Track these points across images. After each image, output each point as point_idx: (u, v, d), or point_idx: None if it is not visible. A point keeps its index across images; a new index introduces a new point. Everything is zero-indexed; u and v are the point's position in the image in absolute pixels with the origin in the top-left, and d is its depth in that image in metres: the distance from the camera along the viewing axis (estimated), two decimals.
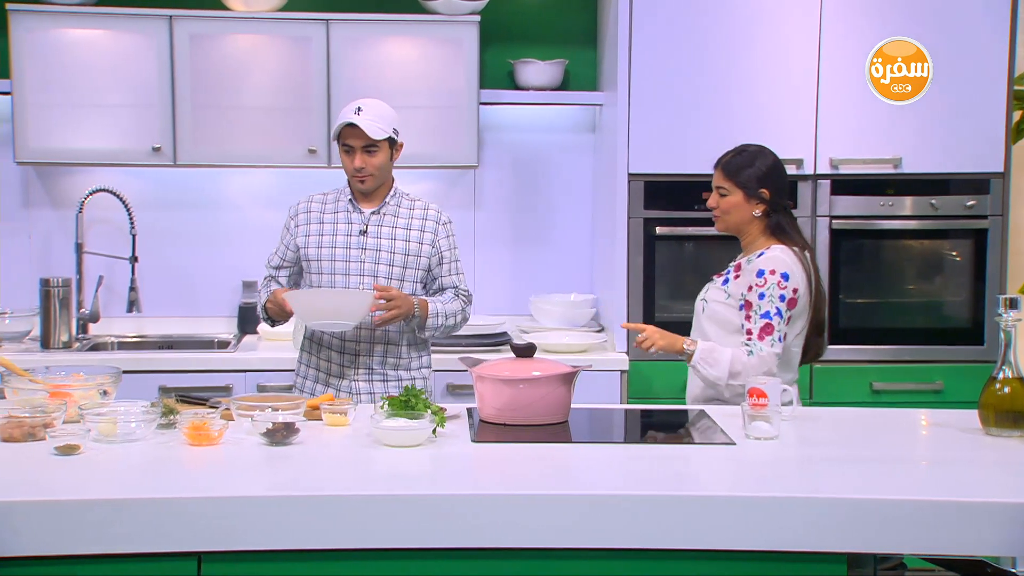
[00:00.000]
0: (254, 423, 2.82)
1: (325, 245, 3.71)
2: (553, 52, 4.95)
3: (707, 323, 3.49)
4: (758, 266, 3.41)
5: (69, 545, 2.32)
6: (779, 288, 3.38)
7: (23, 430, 2.74)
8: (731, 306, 3.45)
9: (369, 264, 3.69)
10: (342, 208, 3.75)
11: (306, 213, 3.77)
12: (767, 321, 3.37)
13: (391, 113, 3.69)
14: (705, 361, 3.38)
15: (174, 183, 4.91)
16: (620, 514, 2.41)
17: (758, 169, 3.47)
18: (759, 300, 3.38)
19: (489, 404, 3.08)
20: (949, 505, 2.41)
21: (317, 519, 2.37)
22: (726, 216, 3.51)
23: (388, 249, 3.70)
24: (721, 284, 3.50)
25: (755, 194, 3.47)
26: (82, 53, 4.54)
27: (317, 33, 4.60)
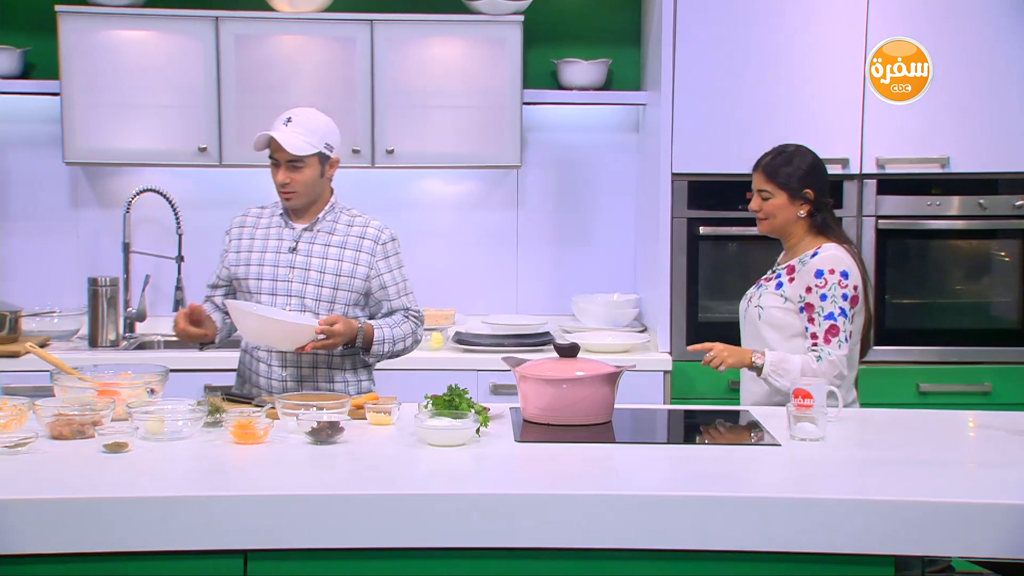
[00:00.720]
0: (299, 422, 2.84)
1: (253, 263, 3.47)
2: (596, 52, 4.94)
3: (766, 329, 3.44)
4: (815, 266, 3.37)
5: (117, 542, 2.34)
6: (840, 287, 3.35)
7: (72, 428, 2.78)
8: (789, 310, 3.41)
9: (297, 284, 3.43)
10: (275, 223, 3.52)
11: (239, 228, 3.55)
12: (831, 323, 3.34)
13: (324, 125, 3.44)
14: (776, 372, 3.33)
15: (219, 183, 4.94)
16: (664, 515, 2.40)
17: (800, 169, 3.44)
18: (821, 302, 3.35)
19: (532, 404, 3.08)
20: (997, 508, 2.38)
21: (362, 518, 2.38)
22: (771, 219, 3.48)
23: (318, 269, 3.44)
24: (775, 288, 3.46)
25: (799, 195, 3.44)
26: (129, 54, 4.58)
27: (361, 33, 4.62)
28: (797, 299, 3.39)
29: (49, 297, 4.83)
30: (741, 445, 2.92)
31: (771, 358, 3.35)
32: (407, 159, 4.70)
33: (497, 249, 5.08)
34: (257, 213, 3.58)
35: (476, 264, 5.08)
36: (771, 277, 3.52)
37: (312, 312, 3.42)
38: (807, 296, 3.37)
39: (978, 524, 2.37)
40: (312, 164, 3.41)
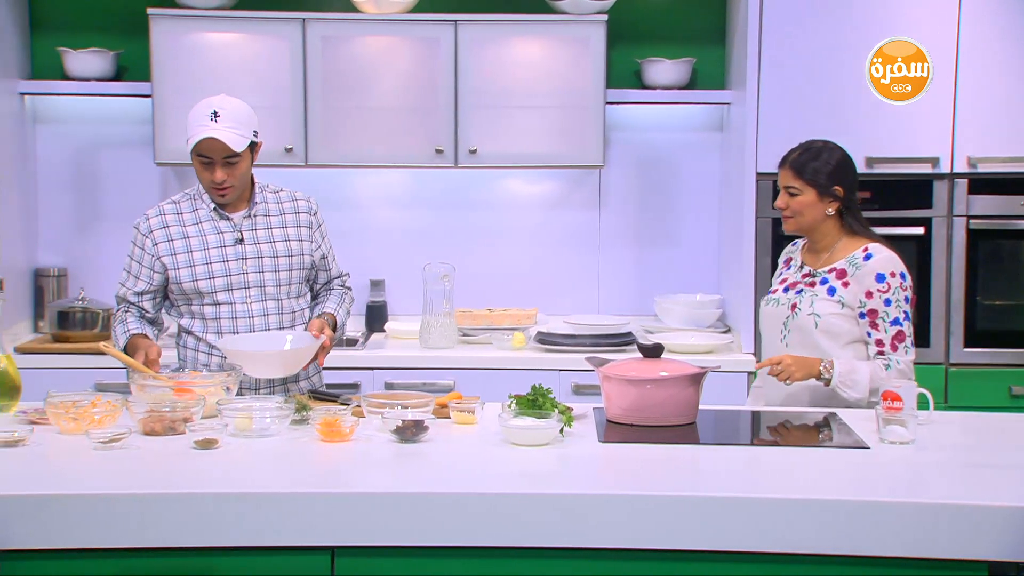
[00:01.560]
0: (384, 420, 2.86)
1: (199, 263, 3.32)
2: (681, 51, 4.91)
3: (821, 337, 3.35)
4: (875, 270, 3.30)
5: (207, 537, 2.38)
6: (902, 290, 3.29)
7: (164, 424, 2.83)
8: (847, 316, 3.33)
9: (254, 275, 3.35)
10: (205, 217, 3.36)
11: (164, 229, 3.34)
12: (898, 328, 3.29)
13: (248, 113, 3.33)
14: (845, 384, 3.27)
15: (305, 183, 4.95)
16: (750, 517, 2.38)
17: (829, 165, 3.37)
18: (886, 307, 3.28)
19: (616, 404, 3.07)
20: None
21: (447, 516, 2.39)
22: (799, 217, 3.40)
23: (270, 254, 3.37)
24: (827, 294, 3.36)
25: (829, 192, 3.37)
26: (218, 55, 4.65)
27: (445, 34, 4.64)
28: (857, 304, 3.32)
29: None
30: (828, 448, 2.88)
31: (840, 368, 3.26)
32: (490, 159, 4.71)
33: (579, 249, 5.07)
34: (173, 209, 3.38)
35: (558, 264, 5.07)
36: (813, 281, 3.42)
37: (273, 299, 3.38)
38: (868, 301, 3.30)
39: None
40: (246, 156, 3.32)
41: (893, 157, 4.41)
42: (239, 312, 3.38)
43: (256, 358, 3.19)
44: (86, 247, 4.98)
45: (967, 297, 4.45)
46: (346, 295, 3.60)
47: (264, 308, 3.40)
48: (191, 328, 3.41)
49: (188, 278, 3.34)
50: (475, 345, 4.66)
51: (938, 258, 4.45)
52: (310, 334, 3.30)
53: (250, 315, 3.39)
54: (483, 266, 5.01)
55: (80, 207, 4.98)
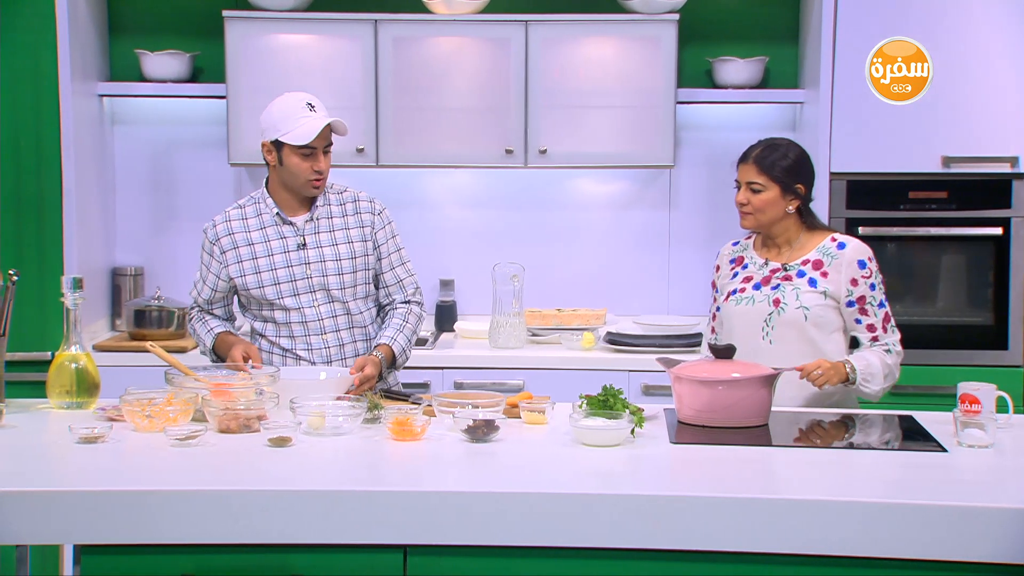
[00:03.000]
0: (455, 420, 2.86)
1: (264, 269, 3.38)
2: (753, 49, 4.87)
3: (811, 329, 3.33)
4: (855, 257, 3.32)
5: (281, 534, 2.40)
6: (880, 273, 3.35)
7: (239, 422, 2.86)
8: (831, 306, 3.33)
9: (318, 279, 3.37)
10: (269, 223, 3.39)
11: (229, 236, 3.40)
12: (885, 310, 3.35)
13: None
14: (865, 380, 3.26)
15: (376, 183, 5.00)
16: (826, 519, 2.35)
17: (793, 163, 3.37)
18: (872, 291, 3.32)
19: (687, 405, 3.05)
20: None
21: (518, 516, 2.39)
22: (759, 214, 3.39)
23: (333, 258, 3.39)
24: (809, 286, 3.34)
25: (791, 189, 3.36)
26: (291, 57, 4.70)
27: (516, 34, 4.65)
28: (844, 293, 3.31)
29: None
30: (905, 451, 2.84)
31: (859, 366, 3.25)
32: (560, 159, 4.71)
33: (649, 249, 5.05)
34: (239, 215, 3.43)
35: (627, 264, 5.06)
36: (789, 276, 3.37)
37: (340, 302, 3.41)
38: (855, 289, 3.31)
39: None
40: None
41: (971, 156, 4.34)
42: (308, 316, 3.41)
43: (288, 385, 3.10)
44: (162, 246, 5.05)
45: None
46: (410, 315, 3.51)
47: (332, 310, 3.43)
48: (264, 331, 3.47)
49: (255, 284, 3.39)
50: (544, 345, 4.66)
51: (1017, 259, 4.36)
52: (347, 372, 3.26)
53: (319, 318, 3.42)
54: (552, 266, 5.01)
55: (156, 207, 5.06)
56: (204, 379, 3.08)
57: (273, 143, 3.34)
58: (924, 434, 2.95)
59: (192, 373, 3.12)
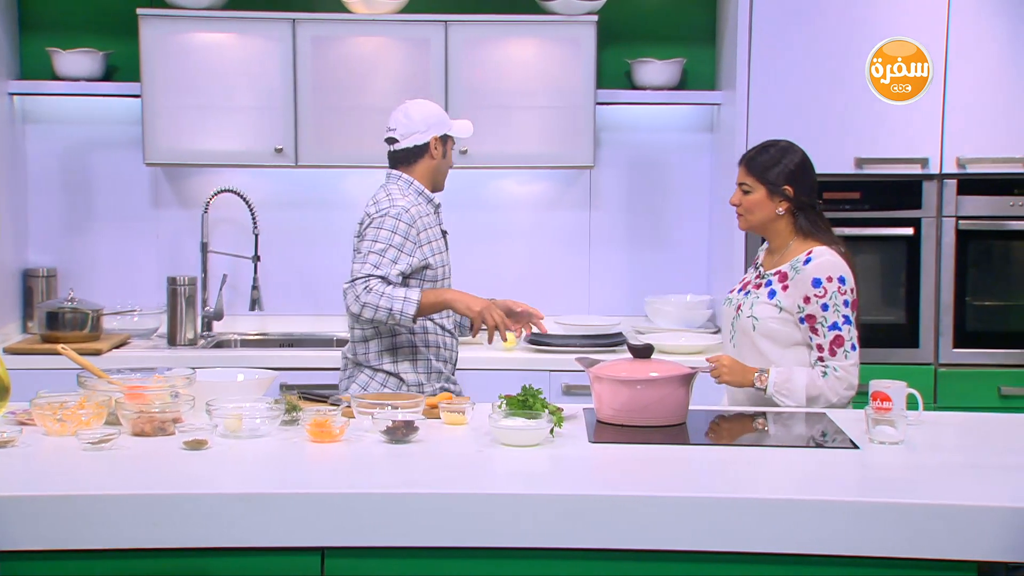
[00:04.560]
0: (374, 421, 2.85)
1: (438, 251, 3.73)
2: (671, 51, 4.92)
3: (762, 340, 3.36)
4: (812, 275, 3.29)
5: (197, 538, 2.37)
6: (840, 294, 3.27)
7: (154, 425, 2.82)
8: (786, 320, 3.33)
9: (451, 264, 3.84)
10: (428, 211, 3.74)
11: (423, 218, 3.70)
12: (836, 333, 3.27)
13: None
14: (780, 393, 3.28)
15: (296, 183, 5.00)
16: (740, 517, 2.38)
17: (783, 165, 3.36)
18: (823, 312, 3.27)
19: (607, 404, 3.07)
20: None
21: (437, 517, 2.39)
22: (748, 215, 3.41)
23: (448, 244, 3.83)
24: (768, 298, 3.36)
25: (778, 191, 3.36)
26: (208, 56, 4.65)
27: (436, 34, 4.64)
28: (796, 310, 3.31)
29: (129, 296, 4.91)
30: (818, 448, 2.88)
31: (775, 378, 3.28)
32: (481, 160, 4.71)
33: (570, 249, 5.08)
34: (413, 202, 3.69)
35: (549, 264, 5.08)
36: (760, 283, 3.42)
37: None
38: (807, 307, 3.29)
39: None
40: None
41: (883, 158, 4.43)
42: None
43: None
44: (76, 247, 4.97)
45: (956, 298, 4.46)
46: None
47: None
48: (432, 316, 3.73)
49: (437, 263, 3.72)
50: (466, 345, 4.65)
51: (927, 259, 4.46)
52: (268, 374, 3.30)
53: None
54: (474, 266, 5.00)
55: (70, 207, 4.97)
56: (118, 382, 3.03)
57: (441, 138, 3.74)
58: (837, 431, 2.99)
59: (105, 376, 3.07)
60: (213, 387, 3.08)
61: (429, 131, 3.73)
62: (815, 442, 2.95)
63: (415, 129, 3.72)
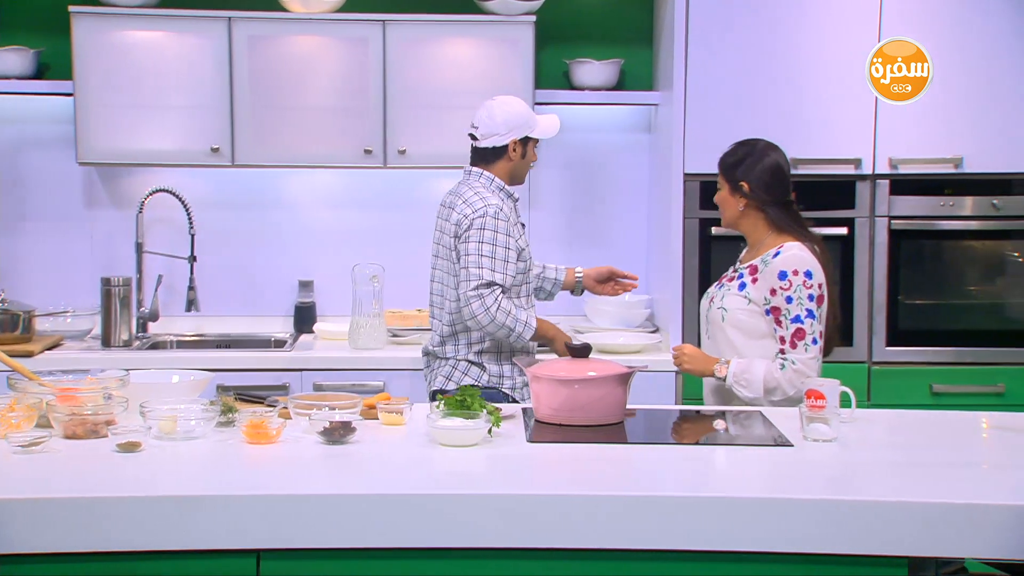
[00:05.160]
0: (311, 422, 2.84)
1: (525, 246, 3.84)
2: (609, 52, 4.94)
3: (731, 331, 3.43)
4: (778, 268, 3.36)
5: (130, 541, 2.35)
6: (806, 288, 3.34)
7: (86, 427, 2.78)
8: (754, 312, 3.40)
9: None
10: (512, 205, 3.85)
11: (512, 213, 3.83)
12: (798, 326, 3.33)
13: None
14: (739, 384, 3.35)
15: (233, 183, 4.96)
16: (676, 515, 2.39)
17: (744, 164, 3.45)
18: (787, 304, 3.34)
19: (545, 404, 3.07)
20: (1011, 509, 2.37)
21: (374, 517, 2.38)
22: (721, 211, 3.53)
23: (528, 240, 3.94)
24: (738, 290, 3.44)
25: (736, 187, 3.45)
26: (142, 54, 4.60)
27: (374, 34, 4.62)
28: (762, 301, 3.38)
29: (63, 297, 4.84)
30: (754, 446, 2.91)
31: (734, 368, 3.35)
32: (419, 159, 4.70)
33: None
34: (500, 199, 3.78)
35: None
36: (733, 276, 3.50)
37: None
38: (772, 299, 3.36)
39: (991, 525, 2.36)
40: None
41: (817, 158, 4.47)
42: (530, 290, 3.93)
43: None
44: (7, 248, 4.89)
45: (889, 297, 4.52)
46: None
47: (529, 288, 3.93)
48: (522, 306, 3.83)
49: (526, 257, 3.82)
50: (405, 346, 4.65)
51: (861, 258, 4.52)
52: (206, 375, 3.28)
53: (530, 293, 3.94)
54: (413, 266, 4.98)
55: (1, 207, 4.89)
56: (49, 384, 2.99)
57: (521, 140, 3.82)
58: (772, 429, 3.02)
59: (36, 378, 3.03)
60: (147, 389, 3.05)
61: (509, 134, 3.82)
62: (750, 440, 2.98)
63: (495, 131, 3.82)
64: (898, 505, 2.38)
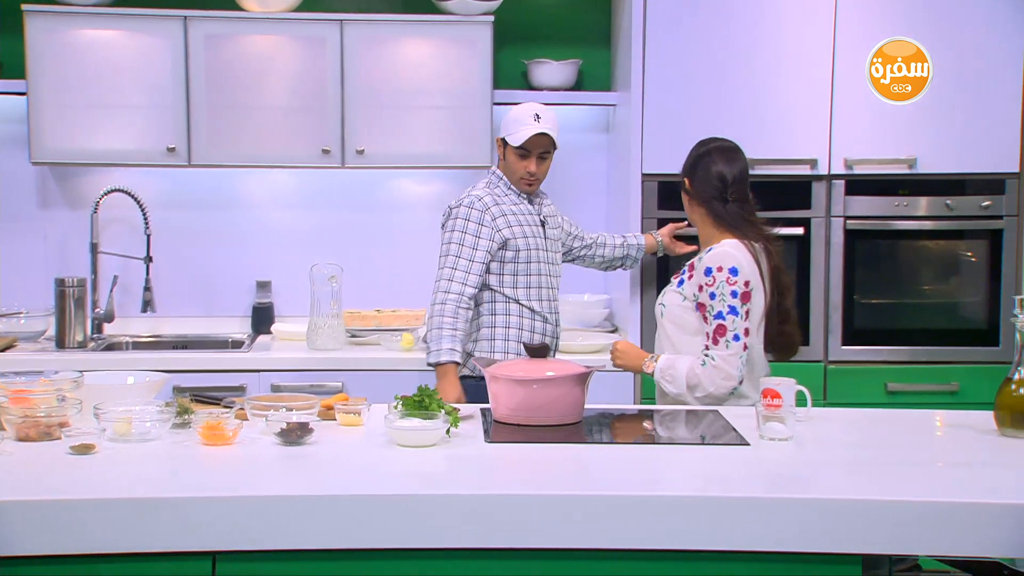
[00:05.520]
0: (268, 423, 2.82)
1: (529, 236, 3.90)
2: (567, 52, 4.95)
3: (669, 327, 3.48)
4: (705, 264, 3.40)
5: (84, 544, 2.33)
6: (729, 284, 3.36)
7: (39, 429, 2.76)
8: (687, 308, 3.43)
9: (553, 254, 4.00)
10: (521, 201, 3.95)
11: (496, 206, 3.89)
12: (719, 322, 3.35)
13: (556, 119, 3.95)
14: (664, 379, 3.40)
15: (189, 183, 4.92)
16: (636, 514, 2.40)
17: (688, 160, 3.55)
18: (711, 300, 3.37)
19: (503, 404, 3.08)
20: (964, 506, 2.40)
21: (331, 519, 2.37)
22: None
23: (556, 237, 4.05)
24: (676, 286, 3.48)
25: (681, 184, 3.54)
26: (98, 54, 4.56)
27: (331, 33, 4.61)
28: (692, 297, 3.43)
29: (16, 298, 4.80)
30: (710, 445, 2.92)
31: (661, 364, 3.41)
32: (377, 159, 4.69)
33: None
34: (488, 194, 3.91)
35: None
36: (679, 274, 3.55)
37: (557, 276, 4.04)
38: (700, 295, 3.40)
39: (945, 523, 2.39)
40: (551, 155, 3.95)
41: (774, 159, 4.50)
42: (543, 283, 3.97)
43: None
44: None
45: (845, 296, 4.56)
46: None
47: (551, 280, 4.00)
48: (516, 296, 3.92)
49: (524, 246, 3.89)
50: (363, 346, 4.64)
51: (817, 258, 4.55)
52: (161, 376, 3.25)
53: (551, 286, 4.01)
54: (371, 267, 4.99)
55: None
56: (2, 385, 2.96)
57: (502, 140, 3.95)
58: (729, 428, 3.04)
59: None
60: (102, 390, 3.02)
61: (498, 132, 4.01)
62: (707, 440, 3.00)
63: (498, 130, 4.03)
64: (852, 503, 2.40)
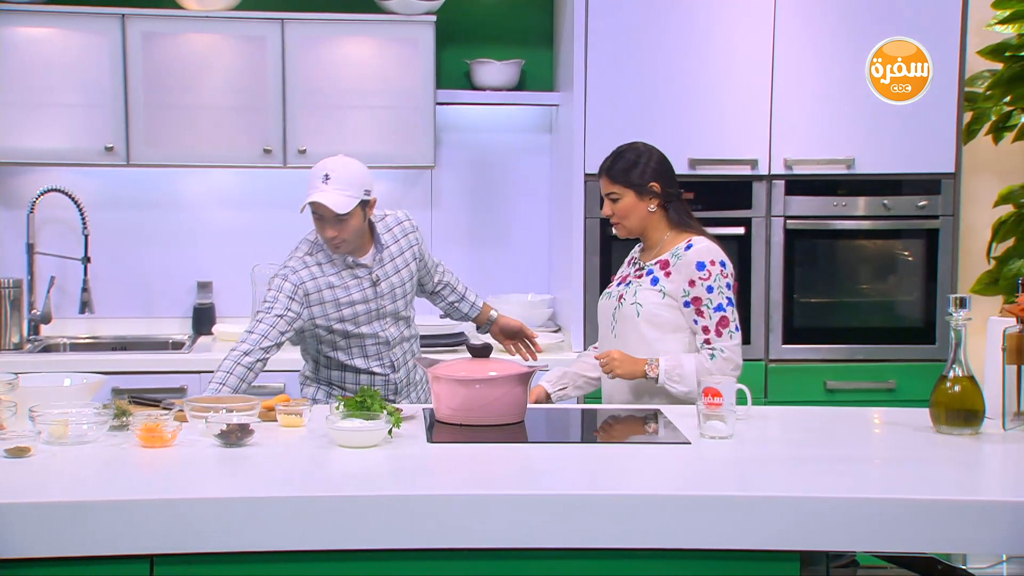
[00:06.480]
0: (208, 424, 2.80)
1: (344, 307, 3.53)
2: (509, 52, 4.95)
3: (644, 327, 3.43)
4: (695, 259, 3.38)
5: (20, 548, 2.29)
6: (723, 277, 3.39)
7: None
8: (671, 306, 3.42)
9: (390, 307, 3.60)
10: (342, 267, 3.53)
11: (312, 280, 3.50)
12: (721, 314, 3.37)
13: (360, 174, 3.47)
14: (672, 381, 3.34)
15: (128, 183, 4.87)
16: (576, 513, 2.41)
17: (643, 165, 3.45)
18: (708, 294, 3.37)
19: (445, 404, 3.07)
20: (901, 503, 2.43)
21: (271, 521, 2.36)
22: (625, 220, 3.48)
23: (399, 284, 3.62)
24: (651, 285, 3.45)
25: (646, 190, 3.45)
26: (33, 52, 4.50)
27: (272, 32, 4.58)
28: (681, 294, 3.40)
29: None
30: (651, 444, 2.94)
31: (665, 366, 3.34)
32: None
33: None
34: (310, 262, 3.52)
35: None
36: (640, 274, 3.50)
37: (404, 319, 3.68)
38: (692, 290, 3.38)
39: (882, 519, 2.41)
40: (356, 214, 3.45)
41: (715, 159, 4.53)
42: (380, 337, 3.61)
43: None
44: None
45: (785, 295, 4.60)
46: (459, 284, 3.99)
47: (398, 328, 3.66)
48: (335, 356, 3.61)
49: (337, 320, 3.53)
50: None
51: (758, 257, 4.59)
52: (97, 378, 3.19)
53: (388, 338, 3.63)
54: None
55: None
56: None
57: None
58: (670, 427, 3.06)
59: None
60: (38, 392, 2.98)
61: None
62: (648, 438, 3.01)
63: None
64: (790, 500, 2.42)
